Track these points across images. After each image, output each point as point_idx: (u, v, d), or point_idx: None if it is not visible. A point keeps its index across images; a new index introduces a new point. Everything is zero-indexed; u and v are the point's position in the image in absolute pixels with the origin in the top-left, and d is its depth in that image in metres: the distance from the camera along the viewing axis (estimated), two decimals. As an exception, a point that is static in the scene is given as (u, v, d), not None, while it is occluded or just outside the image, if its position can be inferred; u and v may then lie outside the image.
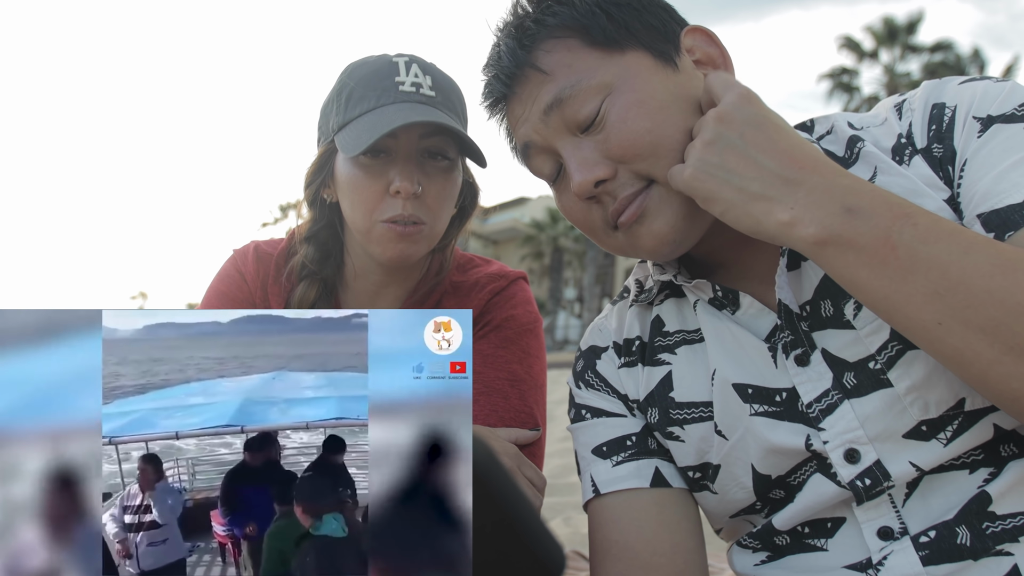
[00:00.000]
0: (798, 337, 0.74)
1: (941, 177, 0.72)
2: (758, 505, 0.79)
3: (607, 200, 0.76)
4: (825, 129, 0.81)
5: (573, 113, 0.75)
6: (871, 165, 0.74)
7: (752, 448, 0.76)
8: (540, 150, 0.80)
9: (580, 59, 0.76)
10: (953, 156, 0.71)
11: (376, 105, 0.99)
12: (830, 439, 0.71)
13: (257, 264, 1.16)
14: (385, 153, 1.01)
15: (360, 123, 0.99)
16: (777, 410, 0.74)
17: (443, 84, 1.04)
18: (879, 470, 0.69)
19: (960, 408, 0.67)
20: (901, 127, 0.76)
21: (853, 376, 0.71)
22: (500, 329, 1.10)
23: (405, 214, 0.99)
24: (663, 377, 0.84)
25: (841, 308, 0.72)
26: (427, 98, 1.01)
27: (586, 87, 0.74)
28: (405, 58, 1.04)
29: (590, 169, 0.74)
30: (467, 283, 1.15)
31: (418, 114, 0.97)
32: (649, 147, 0.73)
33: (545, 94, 0.76)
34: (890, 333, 0.69)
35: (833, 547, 0.73)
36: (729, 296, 0.79)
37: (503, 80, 0.80)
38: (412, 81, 1.01)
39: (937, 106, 0.74)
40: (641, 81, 0.74)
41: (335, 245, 1.15)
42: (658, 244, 0.76)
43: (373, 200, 1.01)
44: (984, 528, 0.66)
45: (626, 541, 0.81)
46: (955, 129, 0.72)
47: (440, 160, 1.03)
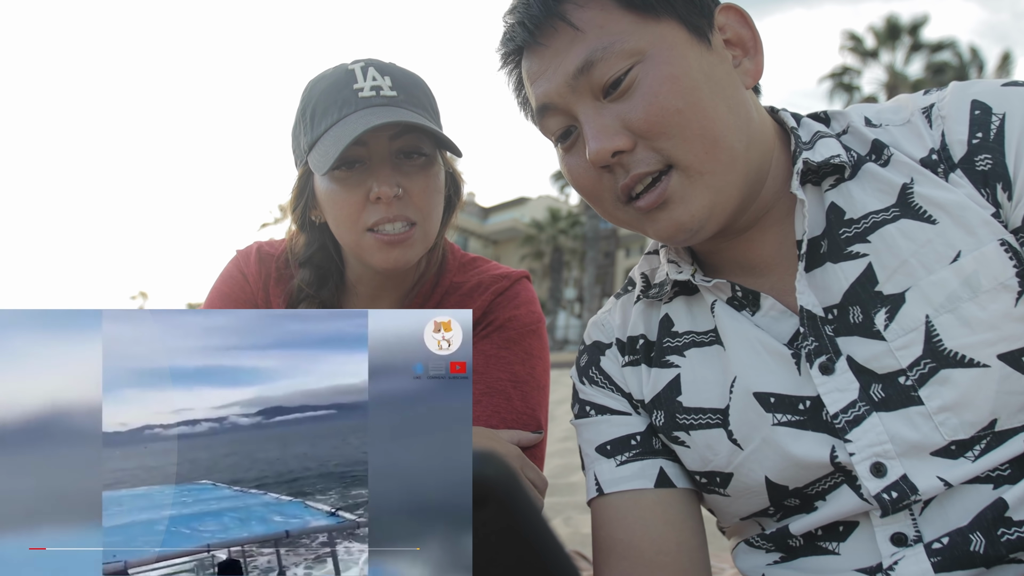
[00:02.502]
0: (822, 344, 0.71)
1: (986, 195, 0.69)
2: (771, 510, 0.78)
3: (619, 171, 0.73)
4: (841, 127, 0.78)
5: (600, 76, 0.71)
6: (907, 173, 0.72)
7: (770, 459, 0.74)
8: (558, 112, 0.76)
9: (613, 20, 0.71)
10: (1005, 177, 0.68)
11: (339, 117, 0.98)
12: (857, 451, 0.69)
13: (259, 265, 1.16)
14: (360, 163, 0.99)
15: (326, 139, 0.98)
16: (801, 419, 0.73)
17: (404, 81, 1.03)
18: (906, 484, 0.68)
19: (991, 428, 0.66)
20: (932, 139, 0.72)
21: (881, 389, 0.69)
22: (503, 329, 1.09)
23: (390, 215, 0.98)
24: (671, 380, 0.82)
25: (871, 317, 0.70)
26: (389, 99, 1.00)
27: (618, 51, 0.70)
28: (361, 63, 1.02)
29: (610, 138, 0.71)
30: (469, 283, 1.14)
31: (380, 116, 0.96)
32: (676, 127, 0.69)
33: (575, 54, 0.72)
34: (923, 349, 0.67)
35: (845, 551, 0.72)
36: (749, 297, 0.77)
37: (528, 28, 0.74)
38: (371, 85, 1.00)
39: (981, 108, 0.70)
40: (677, 54, 0.70)
41: (331, 267, 1.14)
42: (676, 231, 0.73)
43: (355, 211, 0.99)
44: (999, 535, 0.65)
45: (631, 540, 0.80)
46: (1006, 143, 0.68)
47: (417, 158, 1.02)
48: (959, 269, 0.67)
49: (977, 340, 0.66)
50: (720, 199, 0.71)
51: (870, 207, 0.72)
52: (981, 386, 0.66)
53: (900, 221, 0.70)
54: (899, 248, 0.70)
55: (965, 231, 0.68)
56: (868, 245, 0.71)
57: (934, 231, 0.69)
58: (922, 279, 0.68)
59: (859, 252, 0.72)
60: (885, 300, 0.69)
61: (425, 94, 1.06)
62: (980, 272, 0.67)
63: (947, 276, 0.67)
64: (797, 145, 0.75)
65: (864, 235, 0.72)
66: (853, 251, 0.72)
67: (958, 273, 0.67)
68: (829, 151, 0.74)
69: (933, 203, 0.69)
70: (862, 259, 0.71)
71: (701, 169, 0.70)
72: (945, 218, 0.69)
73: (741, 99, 0.74)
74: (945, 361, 0.67)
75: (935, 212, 0.69)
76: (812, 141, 0.76)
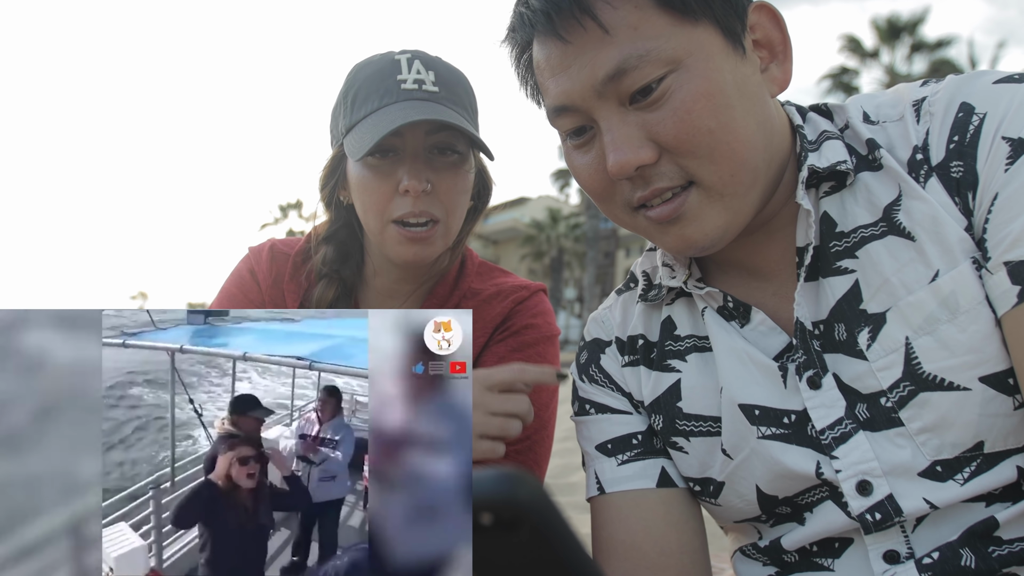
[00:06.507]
0: (811, 358, 0.71)
1: (957, 204, 0.66)
2: (763, 517, 0.78)
3: (638, 181, 0.70)
4: (843, 122, 0.76)
5: (631, 84, 0.66)
6: (895, 183, 0.69)
7: (759, 469, 0.74)
8: (576, 112, 0.71)
9: (648, 21, 0.65)
10: (975, 183, 0.65)
11: (379, 106, 1.00)
12: (843, 468, 0.69)
13: (271, 263, 1.16)
14: (393, 152, 1.01)
15: (364, 125, 0.99)
16: (786, 432, 0.72)
17: (447, 78, 1.04)
18: (891, 504, 0.67)
19: (979, 450, 0.65)
20: (917, 135, 0.70)
21: (866, 408, 0.69)
22: (518, 335, 1.10)
23: (416, 211, 0.99)
24: (671, 385, 0.81)
25: (855, 336, 0.69)
26: (430, 94, 1.01)
27: (654, 59, 0.65)
28: (408, 55, 1.03)
29: (635, 151, 0.67)
30: (488, 291, 1.14)
31: (419, 112, 0.97)
32: (706, 148, 0.66)
33: (605, 60, 0.66)
34: (903, 371, 0.66)
35: (839, 567, 0.72)
36: (740, 309, 0.76)
37: (552, 19, 0.67)
38: (414, 78, 1.01)
39: (964, 108, 0.67)
40: (713, 67, 0.66)
41: (354, 245, 1.15)
42: (686, 247, 0.71)
43: (383, 200, 1.01)
44: (990, 551, 0.64)
45: (633, 541, 0.80)
46: (979, 147, 0.65)
47: (450, 155, 1.03)
48: (936, 290, 0.65)
49: (957, 363, 0.64)
50: (737, 219, 0.70)
51: (860, 220, 0.71)
52: (962, 409, 0.64)
53: (887, 238, 0.69)
54: (883, 266, 0.68)
55: (942, 248, 0.66)
56: (856, 261, 0.70)
57: (915, 249, 0.67)
58: (902, 299, 0.67)
59: (847, 268, 0.70)
60: (868, 319, 0.68)
61: (466, 92, 1.07)
62: (957, 292, 0.65)
63: (925, 297, 0.66)
64: (803, 147, 0.73)
65: (852, 250, 0.70)
66: (841, 266, 0.71)
67: (935, 294, 0.65)
68: (836, 156, 0.72)
69: (913, 219, 0.68)
70: (850, 275, 0.70)
71: (723, 191, 0.68)
72: (923, 235, 0.67)
73: (767, 114, 0.71)
74: (924, 384, 0.65)
75: (914, 229, 0.67)
76: (818, 142, 0.74)
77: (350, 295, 1.15)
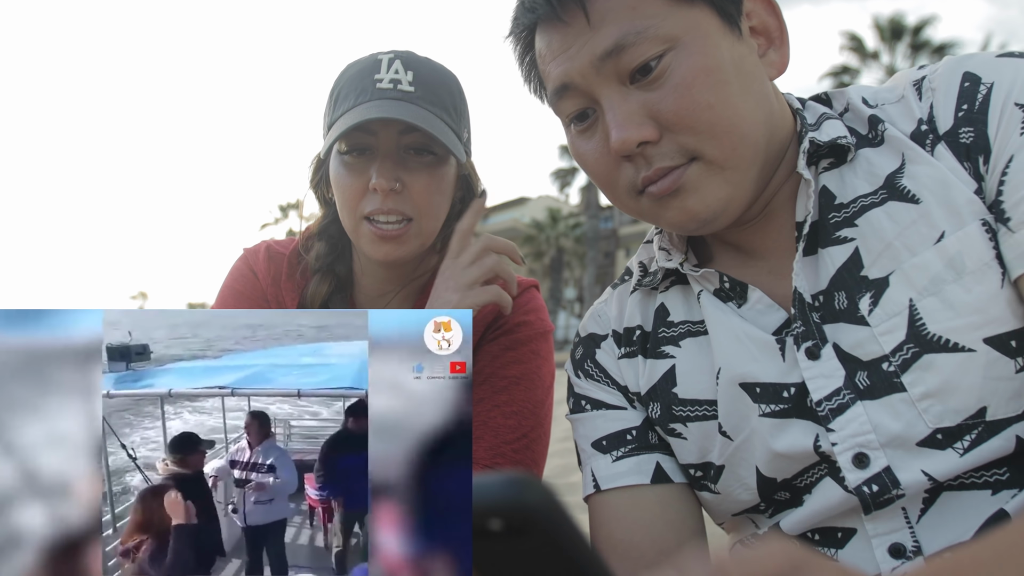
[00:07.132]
0: (809, 329, 0.71)
1: (967, 169, 0.67)
2: (762, 506, 0.78)
3: (640, 162, 0.71)
4: (842, 106, 0.77)
5: (630, 61, 0.68)
6: (898, 152, 0.70)
7: (758, 450, 0.74)
8: (578, 94, 0.73)
9: (645, 2, 0.68)
10: (986, 149, 0.66)
11: (354, 104, 1.01)
12: (839, 441, 0.68)
13: (268, 262, 1.17)
14: (369, 151, 1.02)
15: (338, 123, 1.01)
16: (786, 407, 0.72)
17: (429, 79, 1.04)
18: (888, 477, 0.66)
19: (981, 417, 0.64)
20: (921, 110, 0.71)
21: (866, 376, 0.68)
22: (511, 333, 1.10)
23: (384, 208, 1.00)
24: (666, 371, 0.81)
25: (856, 302, 0.69)
26: (404, 94, 1.01)
27: (652, 36, 0.67)
28: (390, 55, 1.04)
29: (636, 128, 0.68)
30: None
31: (385, 111, 0.97)
32: (706, 123, 0.68)
33: (603, 37, 0.69)
34: (907, 334, 0.66)
35: (843, 558, 0.71)
36: (737, 289, 0.76)
37: (553, 4, 0.71)
38: (391, 78, 1.01)
39: (969, 78, 0.68)
40: (711, 44, 0.68)
41: (344, 241, 1.16)
42: (687, 220, 0.72)
43: (355, 197, 1.02)
44: None
45: (631, 540, 0.79)
46: (990, 113, 0.66)
47: (425, 156, 1.03)
48: (942, 250, 0.66)
49: (962, 323, 0.64)
50: (738, 193, 0.71)
51: (860, 191, 0.72)
52: (966, 371, 0.64)
53: (887, 204, 0.69)
54: (884, 231, 0.69)
55: (949, 210, 0.66)
56: (855, 229, 0.70)
57: (918, 211, 0.68)
58: (905, 261, 0.67)
59: (846, 237, 0.71)
60: (870, 284, 0.68)
61: (449, 93, 1.06)
62: (964, 253, 0.65)
63: (930, 258, 0.66)
64: (803, 126, 0.75)
65: (852, 219, 0.71)
66: (841, 236, 0.71)
67: (941, 254, 0.66)
68: (836, 131, 0.73)
69: (919, 182, 0.68)
70: (849, 244, 0.71)
71: (724, 164, 0.69)
72: (929, 197, 0.67)
73: (766, 92, 0.73)
74: (928, 346, 0.65)
75: (920, 191, 0.68)
76: (818, 122, 0.76)
77: (344, 290, 1.15)
